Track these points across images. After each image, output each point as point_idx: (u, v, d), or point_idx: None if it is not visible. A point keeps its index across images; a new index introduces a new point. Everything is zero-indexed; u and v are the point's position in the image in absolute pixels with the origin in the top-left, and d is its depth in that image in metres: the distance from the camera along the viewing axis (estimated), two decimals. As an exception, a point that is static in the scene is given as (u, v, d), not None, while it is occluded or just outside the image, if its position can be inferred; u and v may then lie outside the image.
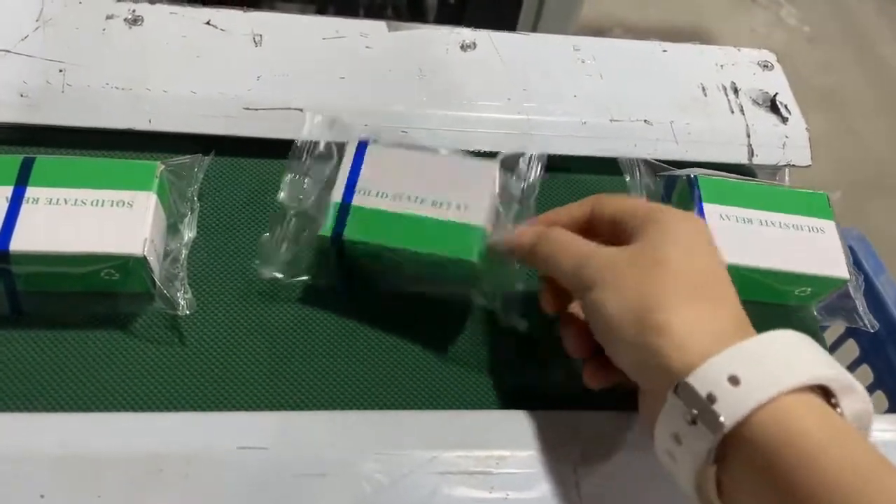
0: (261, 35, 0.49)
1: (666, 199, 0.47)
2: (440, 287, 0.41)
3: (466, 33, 0.52)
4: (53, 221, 0.37)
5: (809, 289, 0.43)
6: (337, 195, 0.40)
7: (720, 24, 1.85)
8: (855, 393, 0.30)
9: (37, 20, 0.47)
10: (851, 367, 0.61)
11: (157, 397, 0.37)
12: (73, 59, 0.45)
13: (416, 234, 0.38)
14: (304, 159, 0.43)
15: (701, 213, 0.43)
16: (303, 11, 1.32)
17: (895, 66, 1.82)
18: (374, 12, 1.33)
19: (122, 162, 0.40)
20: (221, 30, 0.49)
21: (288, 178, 0.42)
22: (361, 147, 0.41)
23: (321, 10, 1.32)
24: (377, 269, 0.41)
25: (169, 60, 0.47)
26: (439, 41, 0.52)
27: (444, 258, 0.38)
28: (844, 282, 0.43)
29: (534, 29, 1.21)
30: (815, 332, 0.47)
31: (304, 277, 0.41)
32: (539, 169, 0.42)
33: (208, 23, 0.49)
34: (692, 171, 0.45)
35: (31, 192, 0.37)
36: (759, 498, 0.28)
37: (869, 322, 0.44)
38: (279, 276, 0.40)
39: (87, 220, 0.37)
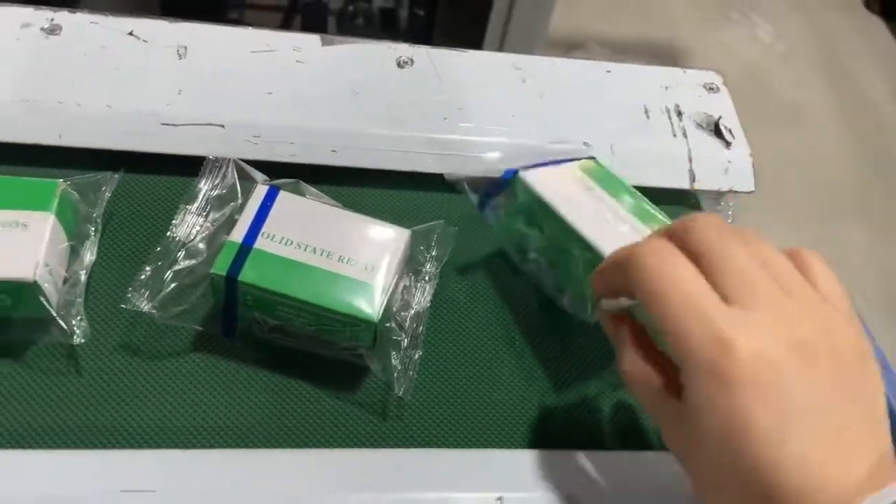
0: (186, 47, 0.47)
1: None
2: (330, 350, 0.38)
3: (404, 49, 0.51)
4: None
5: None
6: (237, 235, 0.37)
7: (694, 40, 1.85)
8: None
9: (-54, 27, 0.45)
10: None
11: (43, 433, 0.35)
12: (-17, 70, 0.43)
13: (317, 286, 0.36)
14: (203, 195, 0.40)
15: None
16: (269, 21, 1.30)
17: (865, 84, 1.83)
18: (345, 22, 1.31)
19: (19, 180, 0.38)
20: (144, 41, 0.47)
21: (183, 211, 0.39)
22: (272, 192, 0.39)
23: (287, 20, 1.30)
24: (264, 322, 0.38)
25: (85, 72, 0.44)
26: (375, 57, 0.50)
27: (342, 315, 0.36)
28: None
29: (501, 44, 1.19)
30: None
31: (180, 320, 0.37)
32: (450, 241, 0.41)
33: (131, 33, 0.47)
34: None
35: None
36: None
37: None
38: (154, 312, 0.37)
39: (-24, 242, 0.35)
